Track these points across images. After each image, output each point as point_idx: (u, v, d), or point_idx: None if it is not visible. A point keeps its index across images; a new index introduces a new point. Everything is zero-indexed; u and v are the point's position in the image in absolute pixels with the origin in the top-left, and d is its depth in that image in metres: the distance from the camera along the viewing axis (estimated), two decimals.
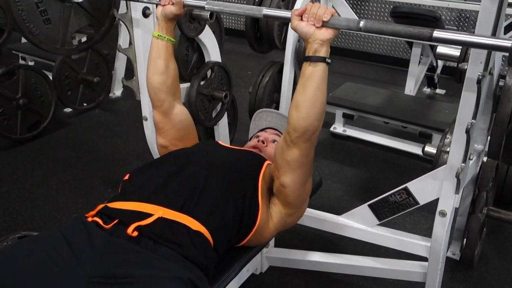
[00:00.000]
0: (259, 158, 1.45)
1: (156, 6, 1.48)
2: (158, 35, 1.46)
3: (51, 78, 3.06)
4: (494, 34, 1.21)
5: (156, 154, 2.03)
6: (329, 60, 1.17)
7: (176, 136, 1.51)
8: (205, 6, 1.40)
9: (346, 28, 1.15)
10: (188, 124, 1.56)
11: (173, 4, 1.42)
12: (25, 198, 2.42)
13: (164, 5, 1.44)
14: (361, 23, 1.13)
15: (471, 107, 1.30)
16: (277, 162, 1.31)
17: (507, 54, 0.97)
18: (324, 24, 1.15)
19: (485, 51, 1.21)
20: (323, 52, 1.16)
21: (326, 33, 1.16)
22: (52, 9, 1.65)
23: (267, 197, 1.36)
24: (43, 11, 1.63)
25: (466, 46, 1.14)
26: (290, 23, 1.20)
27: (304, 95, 1.18)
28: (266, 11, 1.28)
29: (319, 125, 1.22)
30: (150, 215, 1.14)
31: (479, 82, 1.23)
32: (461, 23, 4.14)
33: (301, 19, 1.17)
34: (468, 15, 4.08)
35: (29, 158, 2.81)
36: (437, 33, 1.05)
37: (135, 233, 1.10)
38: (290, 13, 1.20)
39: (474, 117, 1.31)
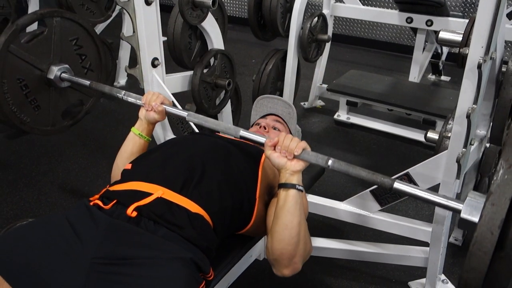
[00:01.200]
0: (258, 149, 1.45)
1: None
2: (139, 133, 1.52)
3: None
4: (494, 21, 1.21)
5: (160, 142, 2.05)
6: (300, 187, 1.21)
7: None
8: (186, 117, 1.47)
9: (314, 163, 1.21)
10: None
11: (155, 112, 1.48)
12: (32, 186, 2.46)
13: (148, 110, 1.50)
14: (329, 162, 1.18)
15: (472, 91, 1.30)
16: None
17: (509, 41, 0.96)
18: (296, 157, 1.20)
19: (486, 35, 1.21)
20: (295, 180, 1.21)
21: (296, 165, 1.21)
22: (41, 95, 1.70)
23: (267, 190, 1.37)
24: (32, 100, 1.68)
25: (415, 199, 1.20)
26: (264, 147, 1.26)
27: (277, 218, 1.20)
28: (243, 132, 1.35)
29: (294, 250, 1.19)
30: (149, 194, 1.16)
31: (479, 66, 1.23)
32: (466, 9, 4.10)
33: (274, 149, 1.22)
34: (474, 1, 4.04)
35: (35, 146, 2.84)
36: (397, 185, 1.11)
37: (135, 214, 1.12)
38: (264, 140, 1.26)
39: (475, 102, 1.31)
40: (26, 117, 1.67)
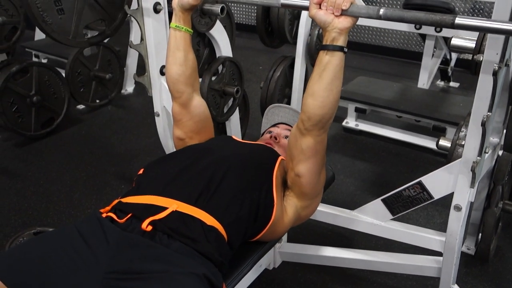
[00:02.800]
0: (273, 152, 1.44)
1: None
2: (176, 26, 1.44)
3: (63, 75, 3.08)
4: None
5: (168, 150, 2.04)
6: (346, 49, 1.16)
7: (193, 129, 1.51)
8: None
9: (366, 16, 1.13)
10: (206, 117, 1.56)
11: None
12: (40, 194, 2.45)
13: None
14: (381, 11, 1.11)
15: (487, 99, 1.28)
16: (291, 152, 1.30)
17: None
18: (343, 13, 1.13)
19: (501, 42, 1.19)
20: (341, 41, 1.14)
21: (345, 22, 1.13)
22: (67, 0, 1.67)
23: (282, 191, 1.35)
24: (57, 1, 1.64)
25: (487, 32, 1.11)
26: (308, 12, 1.18)
27: (321, 83, 1.17)
28: (284, 0, 1.26)
29: (333, 113, 1.21)
30: (164, 208, 1.14)
31: (495, 73, 1.21)
32: (475, 14, 4.08)
33: (320, 7, 1.16)
34: (482, 7, 4.01)
35: (43, 154, 2.84)
36: (459, 20, 1.02)
37: (150, 228, 1.10)
38: (308, 1, 1.19)
39: (490, 109, 1.29)
40: (48, 17, 1.63)
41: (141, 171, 1.33)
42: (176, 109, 1.50)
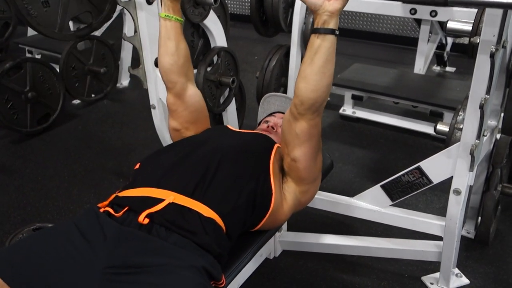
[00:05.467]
0: (269, 140, 1.44)
1: None
2: (165, 15, 1.42)
3: (58, 70, 3.06)
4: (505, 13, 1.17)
5: (165, 142, 2.03)
6: (337, 32, 1.14)
7: (189, 119, 1.50)
8: None
9: None
10: (201, 107, 1.54)
11: None
12: (38, 190, 2.44)
13: None
14: None
15: (484, 81, 1.27)
16: (285, 137, 1.30)
17: None
18: None
19: (498, 23, 1.18)
20: (332, 24, 1.13)
21: (335, 4, 1.12)
22: None
23: (280, 179, 1.35)
24: None
25: (484, 7, 1.07)
26: None
27: (313, 67, 1.16)
28: None
29: (326, 96, 1.22)
30: (160, 200, 1.14)
31: (492, 55, 1.20)
32: None
33: None
34: None
35: (40, 150, 2.83)
36: None
37: (147, 221, 1.09)
38: None
39: (488, 92, 1.28)
40: (33, 10, 1.60)
41: (137, 166, 1.32)
42: (171, 100, 1.49)
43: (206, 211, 1.14)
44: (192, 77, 1.53)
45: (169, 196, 1.14)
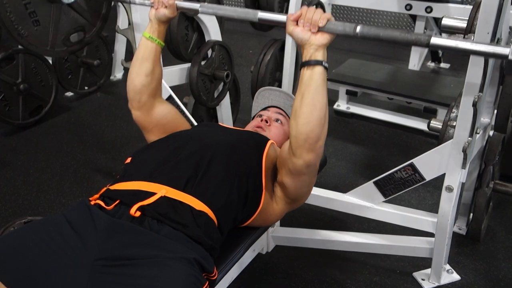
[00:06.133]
0: (262, 138, 1.43)
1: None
2: (149, 36, 1.43)
3: (51, 62, 3.03)
4: (501, 6, 1.17)
5: None
6: (326, 64, 1.15)
7: (165, 130, 1.48)
8: (199, 9, 1.37)
9: (342, 33, 1.13)
10: (173, 117, 1.52)
11: (166, 7, 1.39)
12: (30, 183, 2.43)
13: (157, 8, 1.41)
14: (358, 28, 1.11)
15: (478, 79, 1.28)
16: (281, 160, 1.29)
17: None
18: (320, 29, 1.13)
19: (492, 21, 1.18)
20: (320, 56, 1.14)
21: (321, 38, 1.13)
22: (41, 10, 1.62)
23: (272, 178, 1.35)
24: (32, 12, 1.59)
25: (463, 54, 1.10)
26: (285, 28, 1.18)
27: (303, 100, 1.15)
28: (261, 14, 1.25)
29: (320, 132, 1.16)
30: (152, 193, 1.13)
31: None
32: None
33: (297, 24, 1.15)
34: None
35: (32, 143, 2.81)
36: (434, 40, 1.02)
37: (138, 213, 1.09)
38: (285, 17, 1.18)
39: (481, 89, 1.29)
40: (24, 30, 1.59)
41: (128, 160, 1.32)
42: (140, 118, 1.48)
43: (197, 204, 1.14)
44: (160, 95, 1.52)
45: (161, 190, 1.14)
